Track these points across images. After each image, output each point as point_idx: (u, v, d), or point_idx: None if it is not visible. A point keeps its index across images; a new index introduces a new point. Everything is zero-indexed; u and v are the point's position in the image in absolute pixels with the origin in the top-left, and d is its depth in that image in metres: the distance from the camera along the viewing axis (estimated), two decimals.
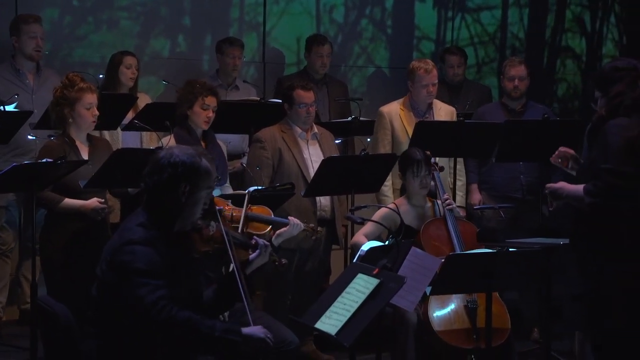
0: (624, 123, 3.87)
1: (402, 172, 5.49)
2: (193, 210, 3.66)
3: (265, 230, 4.69)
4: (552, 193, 4.12)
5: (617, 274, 3.78)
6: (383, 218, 5.27)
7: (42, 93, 6.20)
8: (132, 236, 3.54)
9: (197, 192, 3.64)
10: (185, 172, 3.61)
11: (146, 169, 3.67)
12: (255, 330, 3.63)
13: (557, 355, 6.10)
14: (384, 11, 8.51)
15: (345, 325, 3.56)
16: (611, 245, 3.82)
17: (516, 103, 6.71)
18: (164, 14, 7.66)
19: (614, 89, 3.98)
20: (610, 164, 3.80)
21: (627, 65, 4.06)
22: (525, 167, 6.57)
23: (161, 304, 3.44)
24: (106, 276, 3.57)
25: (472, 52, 8.57)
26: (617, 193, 3.79)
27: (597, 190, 3.81)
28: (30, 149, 6.13)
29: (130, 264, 3.49)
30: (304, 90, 5.85)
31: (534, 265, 4.54)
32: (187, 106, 5.53)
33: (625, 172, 3.77)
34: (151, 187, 3.65)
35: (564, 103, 9.25)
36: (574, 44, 9.28)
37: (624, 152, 3.80)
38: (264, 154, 5.79)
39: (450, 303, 5.05)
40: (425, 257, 4.37)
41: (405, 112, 6.37)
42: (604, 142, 3.85)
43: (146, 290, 3.45)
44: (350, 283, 3.70)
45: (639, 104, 3.92)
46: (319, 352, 6.13)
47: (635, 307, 3.77)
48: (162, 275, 3.51)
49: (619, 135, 3.83)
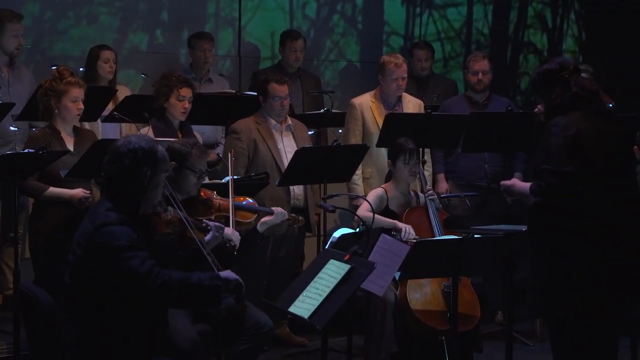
0: (563, 122, 3.82)
1: (393, 160, 5.49)
2: (154, 193, 3.71)
3: (251, 219, 4.70)
4: (506, 190, 4.14)
5: (569, 265, 3.78)
6: (377, 197, 5.32)
7: (17, 86, 6.16)
8: (105, 219, 3.56)
9: (157, 175, 3.69)
10: (145, 157, 3.65)
11: (106, 158, 3.70)
12: (228, 274, 3.69)
13: (519, 336, 6.15)
14: (355, 7, 8.51)
15: (317, 309, 3.56)
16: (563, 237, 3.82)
17: (480, 96, 6.74)
18: (142, 9, 7.61)
19: (549, 93, 3.93)
20: (550, 165, 3.76)
21: (556, 67, 3.98)
22: (489, 157, 6.60)
23: (155, 271, 3.49)
24: (81, 261, 3.56)
25: (439, 47, 8.58)
26: (558, 193, 3.77)
27: (540, 190, 3.79)
28: (12, 140, 6.07)
29: (112, 243, 3.51)
30: (278, 84, 5.84)
31: (498, 250, 4.56)
32: (163, 99, 5.51)
33: (565, 172, 3.73)
34: (113, 175, 3.67)
35: (526, 96, 9.29)
36: (535, 40, 9.32)
37: (564, 152, 3.76)
38: (239, 144, 5.77)
39: (428, 286, 5.08)
40: (394, 243, 4.36)
41: (375, 104, 6.38)
42: (546, 143, 3.82)
43: (137, 262, 3.48)
44: (322, 269, 3.70)
45: (574, 102, 3.87)
46: (293, 335, 6.14)
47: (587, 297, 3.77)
48: (143, 248, 3.54)
49: (559, 135, 3.79)
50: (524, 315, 6.12)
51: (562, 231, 3.79)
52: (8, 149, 5.85)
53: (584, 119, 3.82)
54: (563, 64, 3.98)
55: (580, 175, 3.73)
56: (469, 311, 5.06)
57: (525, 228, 4.12)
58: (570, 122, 3.80)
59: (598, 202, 3.78)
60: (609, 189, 3.81)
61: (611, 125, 3.91)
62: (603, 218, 3.78)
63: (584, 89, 3.88)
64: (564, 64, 3.98)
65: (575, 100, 3.86)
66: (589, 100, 3.87)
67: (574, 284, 3.76)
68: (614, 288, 3.80)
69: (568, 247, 3.78)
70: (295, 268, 6.19)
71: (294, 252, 6.08)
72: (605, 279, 3.77)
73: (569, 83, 3.88)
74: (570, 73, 3.92)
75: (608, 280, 3.77)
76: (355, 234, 4.40)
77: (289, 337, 6.12)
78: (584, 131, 3.78)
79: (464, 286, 5.10)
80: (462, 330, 4.84)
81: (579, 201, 3.76)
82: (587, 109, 3.85)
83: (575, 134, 3.77)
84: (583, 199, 3.76)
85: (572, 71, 3.93)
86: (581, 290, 3.76)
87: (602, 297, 3.78)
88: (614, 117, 4.02)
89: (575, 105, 3.85)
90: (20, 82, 6.08)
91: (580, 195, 3.75)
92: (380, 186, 5.61)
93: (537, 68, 4.17)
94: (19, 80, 6.20)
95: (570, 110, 3.84)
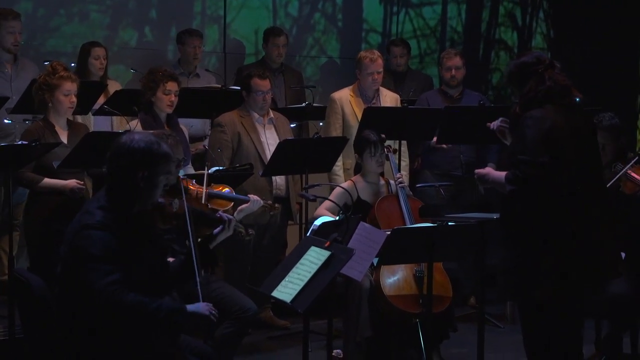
0: (539, 115, 3.79)
1: (359, 153, 5.46)
2: (151, 194, 3.56)
3: (227, 207, 4.66)
4: (479, 178, 4.10)
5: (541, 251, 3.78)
6: (338, 197, 5.25)
7: (19, 81, 6.12)
8: (89, 220, 3.44)
9: (156, 176, 3.54)
10: (143, 159, 3.50)
11: (108, 153, 3.58)
12: (199, 308, 3.56)
13: (491, 318, 6.17)
14: (335, 6, 8.51)
15: (299, 293, 3.55)
16: (536, 224, 3.81)
17: (454, 90, 6.75)
18: (132, 7, 7.58)
19: (525, 86, 3.88)
20: (527, 156, 3.74)
21: (533, 60, 3.93)
22: (465, 148, 6.62)
23: (110, 290, 3.34)
24: (67, 257, 3.49)
25: (415, 44, 8.59)
26: (534, 182, 3.75)
27: (516, 180, 3.76)
28: (7, 133, 6.05)
29: (84, 249, 3.39)
30: (260, 79, 5.82)
31: (471, 237, 4.56)
32: (150, 93, 5.47)
33: (541, 163, 3.71)
34: (111, 171, 3.56)
35: (497, 90, 9.32)
36: (506, 37, 9.34)
37: (540, 143, 3.73)
38: (224, 137, 5.75)
39: (400, 271, 5.07)
40: (372, 231, 4.36)
41: (354, 98, 6.38)
42: (522, 134, 3.78)
43: (96, 276, 3.35)
44: (304, 255, 3.69)
45: (550, 95, 3.83)
46: (276, 318, 6.14)
47: (556, 282, 3.78)
48: (115, 259, 3.40)
49: (534, 127, 3.76)
50: (495, 299, 6.16)
51: (535, 218, 3.78)
52: (7, 141, 5.82)
53: (558, 112, 3.82)
54: (539, 57, 3.95)
55: (554, 166, 3.74)
56: (441, 292, 5.04)
57: (497, 216, 4.12)
58: (546, 115, 3.79)
59: (569, 191, 3.79)
60: (580, 178, 3.82)
61: (579, 119, 3.91)
62: (574, 206, 3.79)
63: (557, 84, 3.86)
64: (540, 58, 3.94)
65: (548, 94, 3.84)
66: (562, 94, 3.86)
67: (545, 270, 3.76)
68: (583, 273, 3.80)
69: (540, 234, 3.78)
70: (278, 255, 6.18)
71: (276, 240, 6.07)
72: (575, 264, 3.77)
73: (544, 77, 3.86)
74: (545, 67, 3.88)
75: (577, 265, 3.78)
76: (335, 222, 4.39)
77: (272, 321, 6.12)
78: (557, 124, 3.78)
79: (435, 269, 5.08)
80: (435, 312, 4.84)
81: (552, 190, 3.76)
82: (559, 102, 3.85)
83: (551, 127, 3.76)
84: (556, 188, 3.76)
85: (547, 65, 3.89)
86: (551, 276, 3.76)
87: (571, 282, 3.79)
88: (581, 111, 4.03)
89: (549, 99, 3.84)
90: (23, 78, 6.04)
91: (553, 184, 3.75)
92: (350, 179, 5.58)
93: (513, 60, 4.11)
94: (21, 76, 6.17)
95: (545, 104, 3.84)
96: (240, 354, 4.95)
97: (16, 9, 6.46)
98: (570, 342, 3.89)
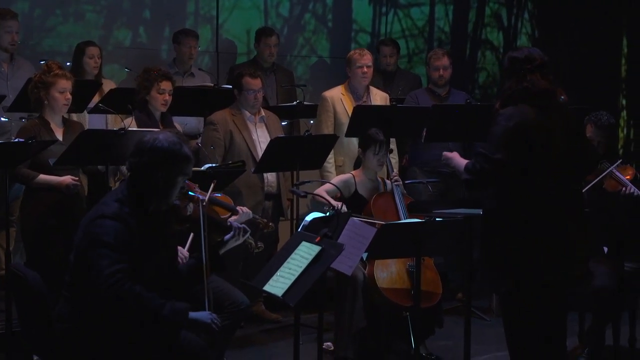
0: (509, 113, 3.73)
1: (363, 149, 5.45)
2: (169, 193, 3.56)
3: (224, 216, 4.62)
4: (445, 160, 4.08)
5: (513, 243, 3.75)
6: (343, 181, 5.27)
7: (15, 79, 6.11)
8: (105, 210, 3.46)
9: (175, 177, 3.54)
10: (163, 159, 3.51)
11: (131, 150, 3.58)
12: (202, 316, 3.55)
13: (477, 311, 6.19)
14: (325, 6, 8.50)
15: (290, 287, 3.55)
16: (508, 218, 3.78)
17: (441, 89, 6.76)
18: (126, 7, 7.56)
19: (507, 82, 3.82)
20: (485, 149, 3.70)
21: (521, 57, 3.81)
22: (453, 145, 6.59)
23: (116, 277, 3.34)
24: (81, 244, 3.49)
25: (403, 44, 8.60)
26: (487, 176, 3.71)
27: (473, 170, 3.72)
28: (3, 130, 6.05)
29: (98, 236, 3.41)
30: (251, 78, 5.81)
31: (457, 232, 4.57)
32: (145, 92, 5.46)
33: (495, 159, 3.66)
34: (132, 168, 3.56)
35: (484, 89, 9.33)
36: (492, 37, 9.35)
37: (499, 140, 3.68)
38: (216, 135, 5.75)
39: (393, 265, 5.08)
40: (362, 226, 4.36)
41: (346, 96, 6.40)
42: (490, 129, 3.74)
43: (106, 262, 3.36)
44: (295, 250, 3.69)
45: (525, 94, 3.75)
46: (268, 312, 6.14)
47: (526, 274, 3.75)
48: (125, 250, 3.41)
49: (500, 124, 3.71)
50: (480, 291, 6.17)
51: (508, 213, 3.76)
52: (3, 138, 5.82)
53: (531, 111, 3.75)
54: (529, 56, 3.82)
55: (516, 164, 3.68)
56: (431, 289, 5.07)
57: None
58: (516, 114, 3.72)
59: (540, 188, 3.74)
60: (552, 177, 3.76)
61: (558, 119, 3.80)
62: (545, 203, 3.74)
63: (534, 86, 3.76)
64: (530, 57, 3.82)
65: (523, 94, 3.76)
66: (539, 96, 3.76)
67: (516, 261, 3.73)
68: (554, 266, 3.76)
69: (513, 227, 3.75)
70: (270, 250, 6.18)
71: (268, 235, 6.06)
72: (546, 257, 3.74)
73: (525, 78, 3.77)
74: (533, 68, 3.78)
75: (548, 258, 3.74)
76: (325, 217, 4.40)
77: (264, 314, 6.12)
78: (529, 123, 3.71)
79: (427, 266, 5.12)
80: (425, 307, 4.86)
81: (526, 187, 3.73)
82: (536, 103, 3.78)
83: (517, 125, 3.69)
84: (528, 185, 3.73)
85: (536, 66, 3.79)
86: (521, 267, 3.73)
87: (542, 273, 3.74)
88: (564, 111, 3.94)
89: (524, 99, 3.76)
90: (20, 77, 6.02)
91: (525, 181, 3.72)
92: (350, 172, 5.60)
93: (509, 53, 3.96)
94: (18, 75, 6.16)
95: (520, 102, 3.79)
96: (232, 346, 4.96)
97: (13, 9, 6.46)
98: (552, 334, 3.85)
